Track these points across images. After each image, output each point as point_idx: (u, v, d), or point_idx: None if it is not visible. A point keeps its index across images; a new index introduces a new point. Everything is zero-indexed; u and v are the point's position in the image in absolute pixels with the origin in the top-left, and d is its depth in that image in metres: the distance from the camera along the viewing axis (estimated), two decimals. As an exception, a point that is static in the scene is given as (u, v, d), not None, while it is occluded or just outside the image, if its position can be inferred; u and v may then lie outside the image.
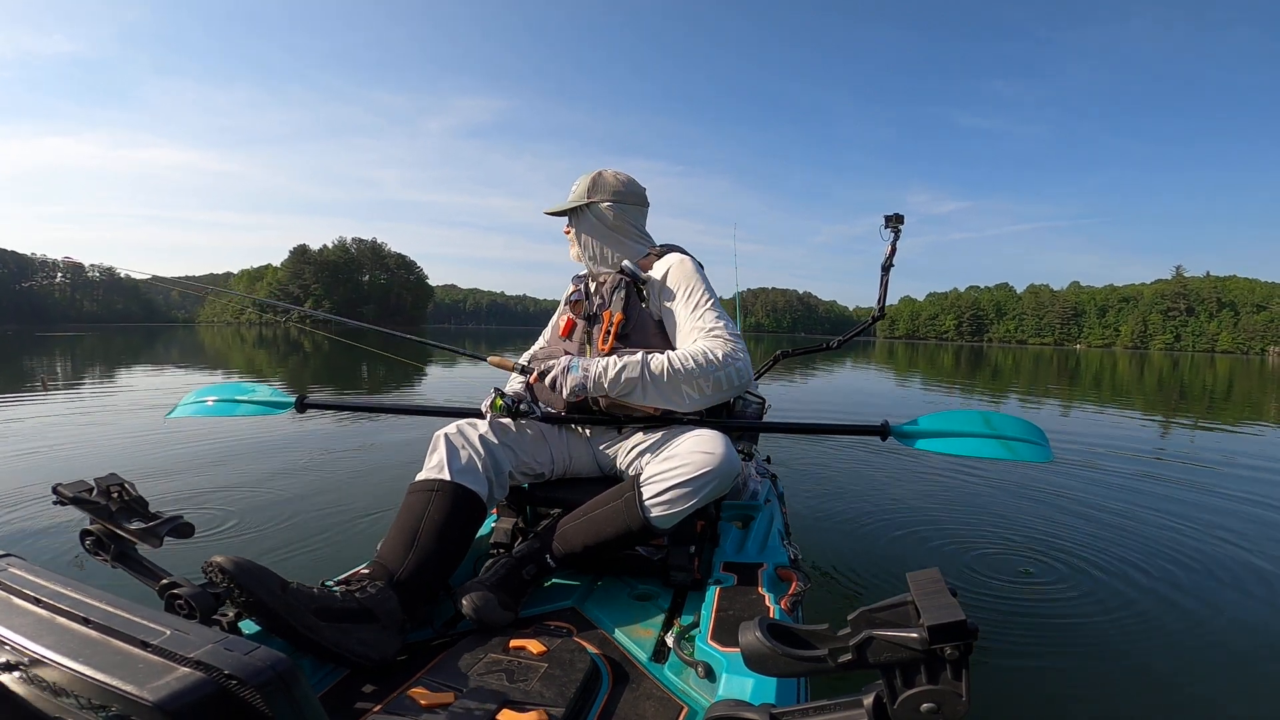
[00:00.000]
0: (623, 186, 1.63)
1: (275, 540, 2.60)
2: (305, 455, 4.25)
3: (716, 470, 1.29)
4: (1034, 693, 1.67)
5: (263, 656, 0.54)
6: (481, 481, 1.37)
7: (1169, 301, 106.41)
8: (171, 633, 0.56)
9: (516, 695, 0.96)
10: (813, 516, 3.08)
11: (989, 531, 2.92)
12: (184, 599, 1.02)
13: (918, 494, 3.61)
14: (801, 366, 14.26)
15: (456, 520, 1.30)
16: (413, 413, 2.05)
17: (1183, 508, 3.43)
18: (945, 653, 0.58)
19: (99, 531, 1.14)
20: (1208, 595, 2.28)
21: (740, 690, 0.94)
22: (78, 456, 4.14)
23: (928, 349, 49.83)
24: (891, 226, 2.32)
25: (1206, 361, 41.06)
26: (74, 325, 60.89)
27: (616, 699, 1.02)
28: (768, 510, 1.81)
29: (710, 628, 1.12)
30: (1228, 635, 1.99)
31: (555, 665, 1.05)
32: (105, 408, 6.49)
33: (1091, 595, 2.24)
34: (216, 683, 0.52)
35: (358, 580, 1.19)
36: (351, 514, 2.95)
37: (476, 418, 1.52)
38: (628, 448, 1.52)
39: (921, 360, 25.53)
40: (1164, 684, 1.72)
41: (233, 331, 28.07)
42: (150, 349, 18.58)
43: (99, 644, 0.56)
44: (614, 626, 1.25)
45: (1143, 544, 2.79)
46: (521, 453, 1.50)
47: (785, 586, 1.33)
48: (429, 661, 1.10)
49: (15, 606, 0.62)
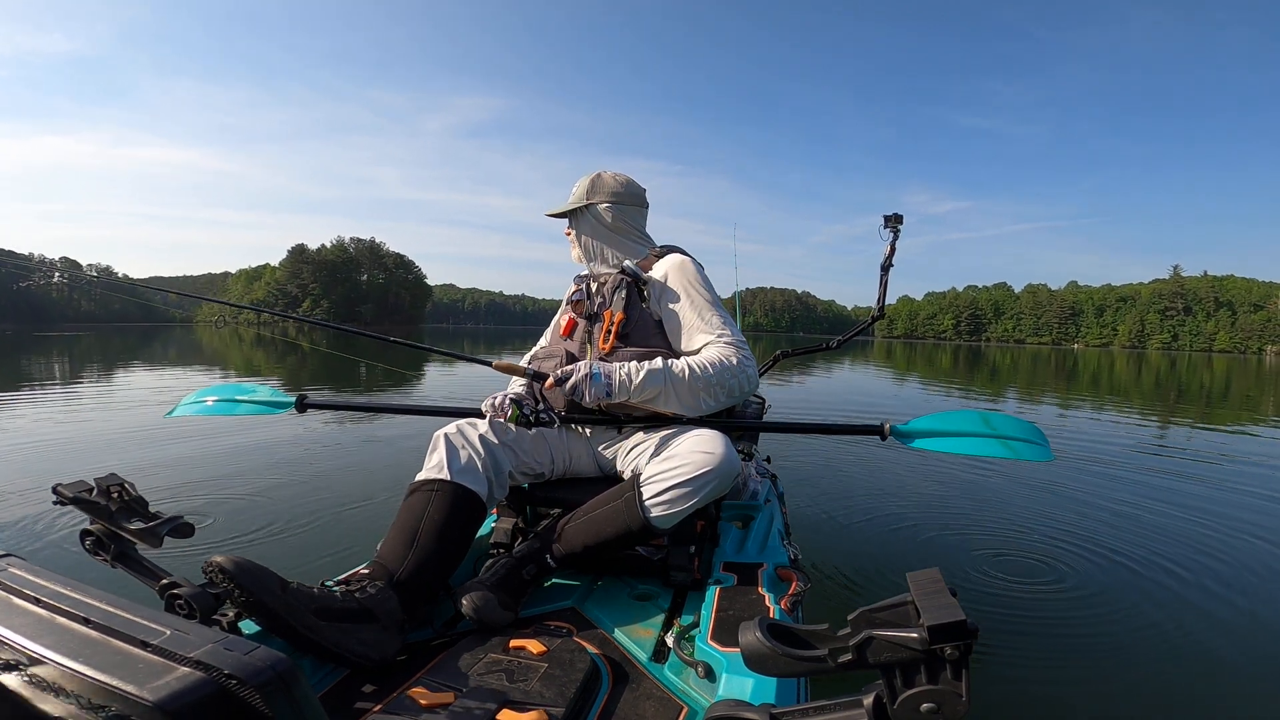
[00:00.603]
0: (622, 188, 1.64)
1: (275, 540, 2.60)
2: (305, 455, 4.25)
3: (716, 470, 1.29)
4: (1034, 692, 1.67)
5: (263, 656, 0.54)
6: (481, 481, 1.37)
7: (1166, 301, 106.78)
8: (171, 633, 0.56)
9: (516, 695, 0.96)
10: (813, 516, 3.08)
11: (989, 531, 2.92)
12: (184, 599, 1.02)
13: (918, 494, 3.61)
14: (800, 366, 14.27)
15: (456, 520, 1.30)
16: (412, 412, 2.05)
17: (1182, 507, 3.44)
18: (945, 653, 0.58)
19: (99, 531, 1.14)
20: (1209, 594, 2.29)
21: (740, 690, 0.94)
22: (78, 457, 4.14)
23: (926, 348, 49.83)
24: (891, 226, 2.32)
25: (1204, 361, 41.10)
26: (71, 325, 60.92)
27: (616, 699, 1.02)
28: (768, 510, 1.81)
29: (710, 628, 1.12)
30: (1229, 635, 2.00)
31: (555, 665, 1.05)
32: (105, 408, 6.49)
33: (1092, 595, 2.25)
34: (216, 683, 0.52)
35: (358, 580, 1.19)
36: (351, 514, 2.95)
37: (476, 417, 1.52)
38: (628, 448, 1.52)
39: (920, 360, 25.54)
40: (1165, 683, 1.72)
41: (230, 331, 28.02)
42: (148, 349, 18.56)
43: (99, 644, 0.56)
44: (614, 626, 1.25)
45: (1143, 543, 2.79)
46: (521, 453, 1.50)
47: (785, 586, 1.33)
48: (429, 661, 1.10)
49: (15, 606, 0.62)
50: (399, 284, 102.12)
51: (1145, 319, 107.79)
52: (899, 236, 2.35)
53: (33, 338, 25.86)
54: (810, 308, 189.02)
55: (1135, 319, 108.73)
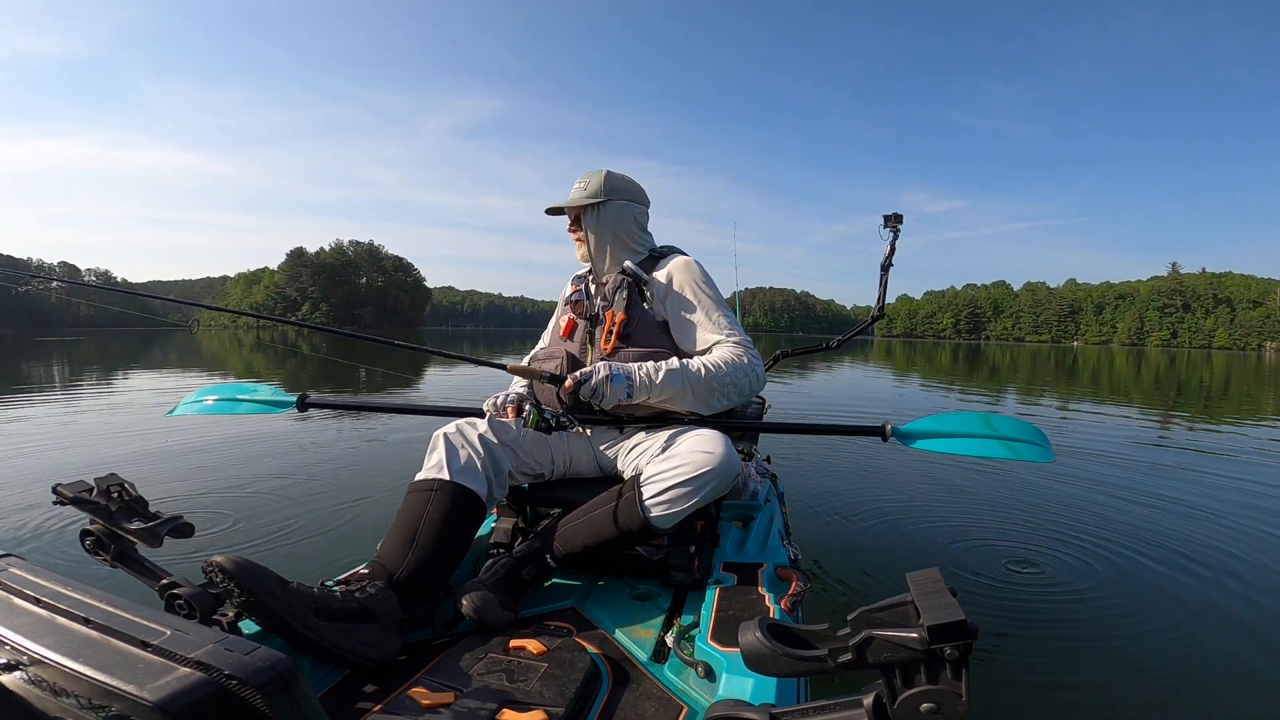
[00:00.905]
0: (634, 187, 1.65)
1: (275, 540, 2.60)
2: (305, 456, 4.25)
3: (717, 470, 1.29)
4: (1034, 692, 1.67)
5: (262, 656, 0.54)
6: (481, 481, 1.37)
7: (1165, 298, 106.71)
8: (171, 633, 0.56)
9: (517, 695, 0.96)
10: (813, 516, 3.08)
11: (989, 531, 2.92)
12: (184, 599, 1.02)
13: (918, 494, 3.61)
14: (801, 366, 14.27)
15: (456, 520, 1.30)
16: (412, 412, 2.05)
17: (1183, 505, 3.43)
18: (945, 653, 0.58)
19: (99, 531, 1.14)
20: (1210, 594, 2.29)
21: (740, 690, 0.94)
22: (78, 457, 4.14)
23: (925, 347, 49.79)
24: (890, 226, 2.32)
25: (1203, 358, 41.05)
26: (70, 330, 60.94)
27: (616, 699, 1.02)
28: (768, 510, 1.81)
29: (710, 628, 1.12)
30: (1230, 634, 1.99)
31: (555, 665, 1.05)
32: (105, 408, 6.49)
33: (1092, 594, 2.24)
34: (216, 683, 0.52)
35: (357, 580, 1.19)
36: (351, 514, 2.95)
37: (476, 417, 1.52)
38: (628, 448, 1.52)
39: (920, 359, 25.52)
40: (1165, 683, 1.72)
41: (230, 335, 28.00)
42: (147, 352, 18.57)
43: (99, 644, 0.56)
44: (614, 626, 1.26)
45: (1143, 542, 2.79)
46: (521, 453, 1.50)
47: (785, 586, 1.33)
48: (429, 661, 1.10)
49: (15, 606, 0.62)
50: (398, 286, 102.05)
51: (1144, 316, 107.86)
52: (899, 236, 2.35)
53: (31, 342, 25.84)
54: (810, 308, 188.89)
55: (1134, 316, 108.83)
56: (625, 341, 1.52)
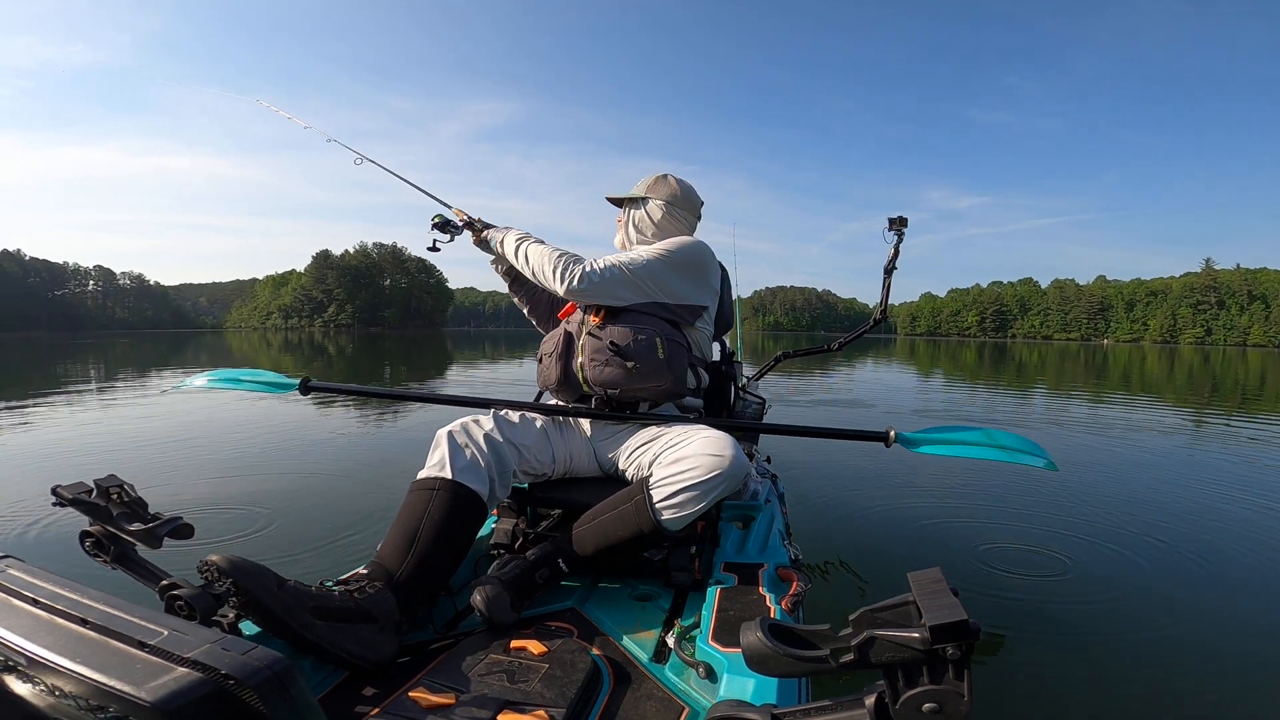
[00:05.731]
0: (678, 193, 1.74)
1: (276, 541, 2.60)
2: (305, 456, 4.25)
3: (726, 473, 1.30)
4: (1036, 693, 1.66)
5: (260, 656, 0.54)
6: (484, 481, 1.37)
7: (1199, 295, 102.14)
8: (169, 633, 0.56)
9: (517, 696, 0.96)
10: (813, 516, 3.08)
11: (991, 531, 2.91)
12: (184, 600, 1.02)
13: (919, 494, 3.60)
14: (820, 365, 14.23)
15: (457, 520, 1.30)
16: (415, 399, 2.07)
17: (1188, 505, 3.42)
18: (947, 653, 0.58)
19: (98, 533, 1.14)
20: (1214, 595, 2.28)
21: (741, 691, 0.94)
22: (78, 457, 4.15)
23: (950, 346, 49.22)
24: (895, 229, 2.31)
25: (1239, 355, 40.64)
26: (105, 333, 61.21)
27: (617, 700, 1.02)
28: (768, 510, 1.80)
29: (711, 628, 1.12)
30: (1233, 635, 1.98)
31: (556, 666, 1.04)
32: (105, 409, 6.50)
33: (1094, 595, 2.24)
34: (214, 683, 0.52)
35: (356, 580, 1.18)
36: (352, 514, 2.95)
37: (481, 410, 1.53)
38: (630, 448, 1.52)
39: (944, 357, 25.31)
40: (1167, 684, 1.71)
41: (259, 336, 28.12)
42: (179, 354, 18.64)
43: (98, 644, 0.56)
44: (615, 627, 1.25)
45: (1147, 543, 2.78)
46: (525, 451, 1.50)
47: (786, 587, 1.33)
48: (430, 663, 1.10)
49: (14, 607, 0.62)
50: (421, 288, 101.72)
51: (1177, 313, 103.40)
52: (903, 239, 2.34)
53: (67, 345, 25.83)
54: (831, 306, 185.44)
55: (1167, 313, 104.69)
56: (614, 319, 1.56)
